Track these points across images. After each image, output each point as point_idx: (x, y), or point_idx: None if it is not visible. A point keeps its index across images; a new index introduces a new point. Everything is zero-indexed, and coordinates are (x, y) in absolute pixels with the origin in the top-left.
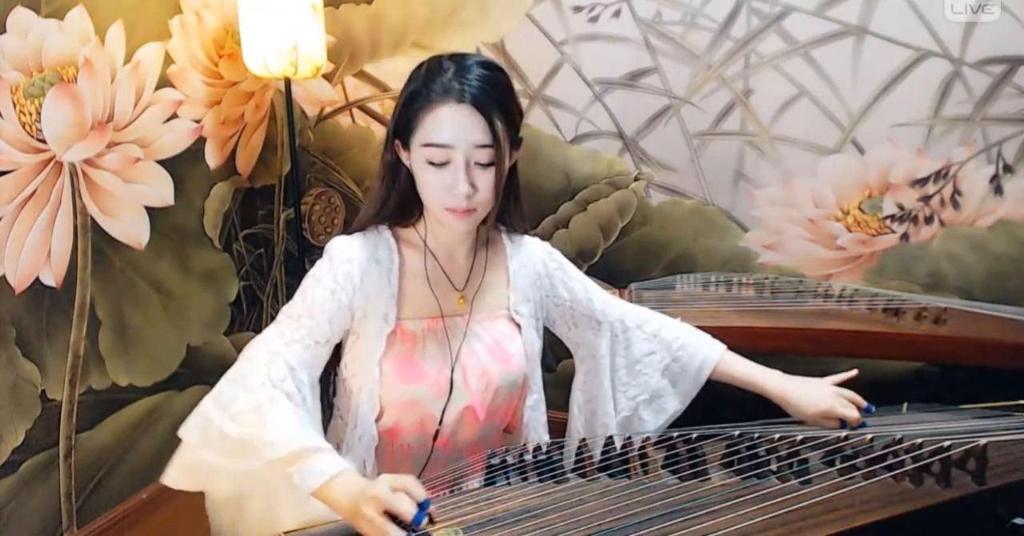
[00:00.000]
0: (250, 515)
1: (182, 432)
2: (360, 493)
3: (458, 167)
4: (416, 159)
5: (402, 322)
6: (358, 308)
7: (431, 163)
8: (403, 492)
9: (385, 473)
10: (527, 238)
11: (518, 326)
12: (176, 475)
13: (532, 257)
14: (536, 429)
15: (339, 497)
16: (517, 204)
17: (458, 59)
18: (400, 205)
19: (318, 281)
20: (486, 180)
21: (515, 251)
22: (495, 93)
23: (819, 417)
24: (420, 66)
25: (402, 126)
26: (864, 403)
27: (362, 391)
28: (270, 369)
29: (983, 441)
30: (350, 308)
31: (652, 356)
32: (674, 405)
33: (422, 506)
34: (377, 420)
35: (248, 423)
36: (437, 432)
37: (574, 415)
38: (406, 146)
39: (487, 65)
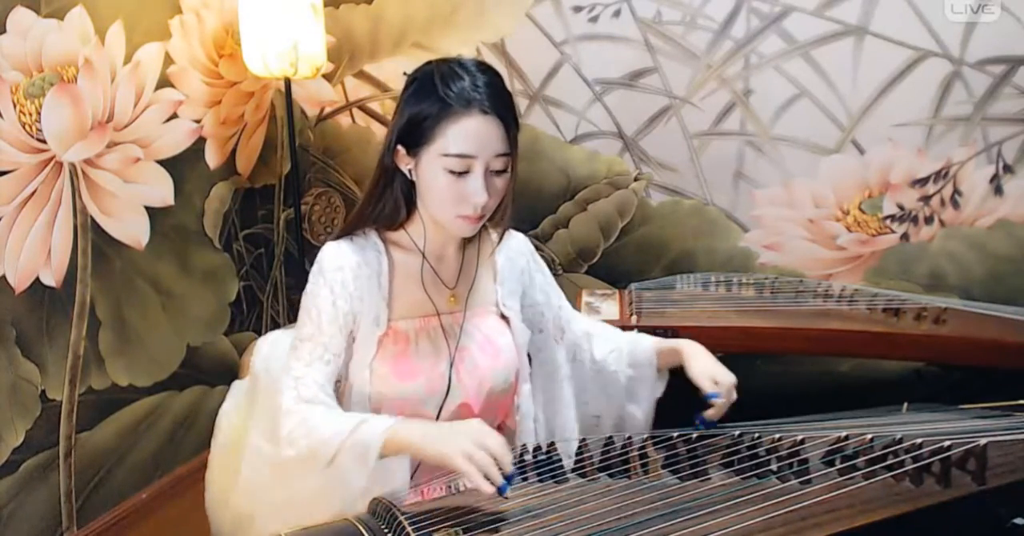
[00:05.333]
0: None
1: (248, 484)
2: (439, 427)
3: (477, 176)
4: (429, 167)
5: (394, 323)
6: (357, 312)
7: (451, 172)
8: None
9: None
10: (512, 231)
11: (507, 320)
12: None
13: (518, 250)
14: (544, 417)
15: (411, 436)
16: (510, 202)
17: (463, 66)
18: (393, 209)
19: (316, 296)
20: (500, 186)
21: (502, 243)
22: (508, 101)
23: (701, 373)
24: (428, 73)
25: (413, 134)
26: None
27: (353, 393)
28: (299, 391)
29: (983, 441)
30: (352, 313)
31: (614, 353)
32: (646, 392)
33: (508, 478)
34: None
35: (299, 436)
36: None
37: (525, 414)
38: (412, 153)
39: (489, 70)
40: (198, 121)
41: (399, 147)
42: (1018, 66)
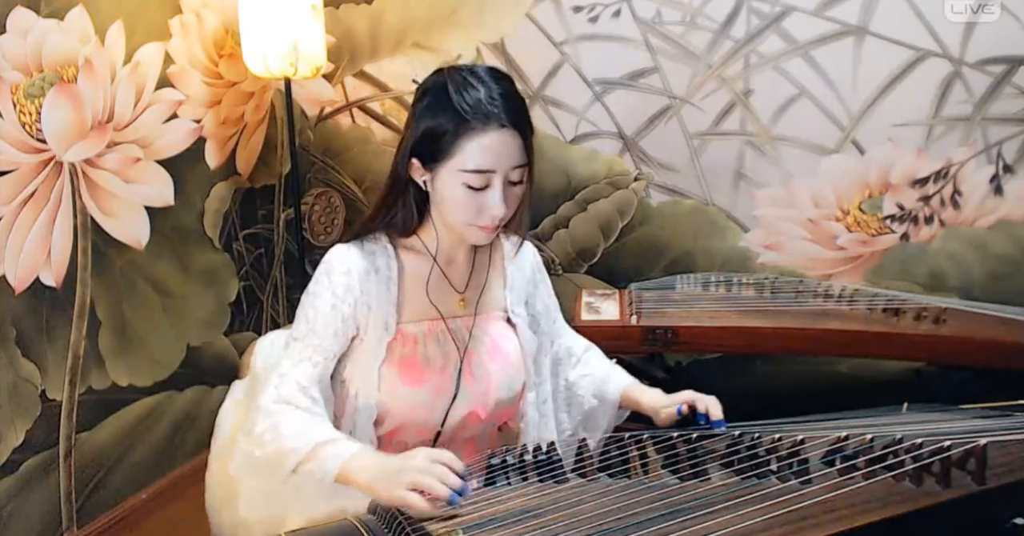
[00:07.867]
0: (249, 515)
1: (232, 470)
2: (386, 467)
3: (496, 189)
4: (447, 181)
5: (402, 326)
6: (361, 317)
7: (470, 187)
8: (439, 473)
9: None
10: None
11: (514, 326)
12: (247, 509)
13: (525, 259)
14: (538, 427)
15: (360, 474)
16: (527, 209)
17: (477, 75)
18: (405, 217)
19: (318, 297)
20: (517, 196)
21: (513, 252)
22: (524, 109)
23: (661, 414)
24: (441, 84)
25: (430, 149)
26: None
27: (359, 395)
28: (280, 390)
29: (983, 441)
30: (353, 319)
31: (587, 378)
32: (602, 425)
33: (460, 491)
34: (377, 424)
35: (268, 441)
36: (438, 434)
37: (531, 421)
38: (428, 167)
39: (504, 78)
40: (198, 121)
41: (413, 160)
42: (1018, 66)
